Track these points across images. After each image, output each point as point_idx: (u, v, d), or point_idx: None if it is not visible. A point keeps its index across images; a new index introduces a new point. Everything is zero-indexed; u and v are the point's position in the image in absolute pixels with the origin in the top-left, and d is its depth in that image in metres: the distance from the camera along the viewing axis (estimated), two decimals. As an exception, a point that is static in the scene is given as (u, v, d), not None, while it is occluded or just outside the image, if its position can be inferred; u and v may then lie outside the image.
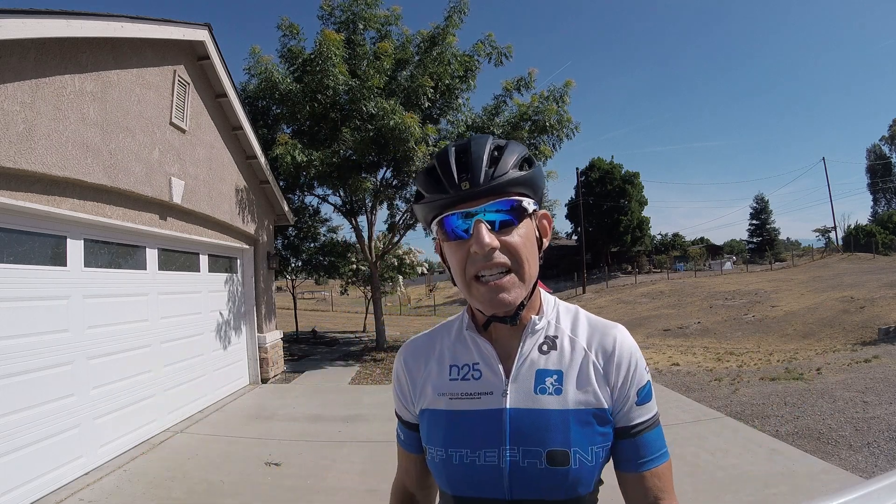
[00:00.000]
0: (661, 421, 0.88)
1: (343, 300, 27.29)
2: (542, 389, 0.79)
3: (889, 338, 9.33)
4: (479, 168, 0.74)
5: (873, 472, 3.64)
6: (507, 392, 0.79)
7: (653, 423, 0.83)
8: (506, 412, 0.78)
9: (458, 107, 9.12)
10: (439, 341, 0.90)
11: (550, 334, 0.84)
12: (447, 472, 0.80)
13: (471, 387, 0.82)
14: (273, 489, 3.61)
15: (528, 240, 0.78)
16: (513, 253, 0.75)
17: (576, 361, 0.81)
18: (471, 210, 0.75)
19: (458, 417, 0.81)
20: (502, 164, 0.75)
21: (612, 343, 0.83)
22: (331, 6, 8.87)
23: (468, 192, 0.74)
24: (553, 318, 0.86)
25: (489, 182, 0.74)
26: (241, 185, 7.05)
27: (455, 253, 0.77)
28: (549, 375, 0.80)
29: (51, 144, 3.50)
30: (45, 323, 3.57)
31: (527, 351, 0.82)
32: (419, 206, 0.81)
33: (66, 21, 3.48)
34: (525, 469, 0.76)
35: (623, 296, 24.48)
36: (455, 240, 0.77)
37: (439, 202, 0.76)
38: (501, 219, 0.75)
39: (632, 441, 0.81)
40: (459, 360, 0.85)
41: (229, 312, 6.73)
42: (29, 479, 3.28)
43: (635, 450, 0.81)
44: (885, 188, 47.89)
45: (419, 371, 0.89)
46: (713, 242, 44.19)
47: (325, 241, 13.44)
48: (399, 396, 0.93)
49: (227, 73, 6.38)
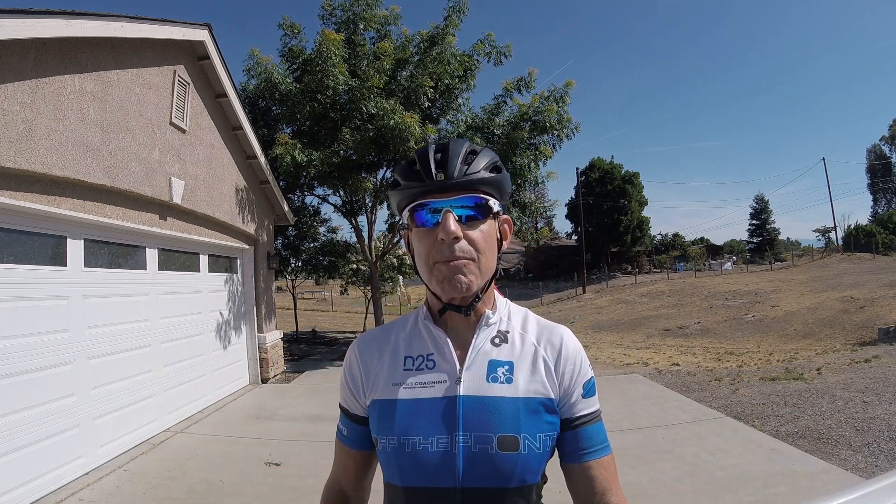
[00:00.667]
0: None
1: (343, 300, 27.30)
2: (494, 378, 0.84)
3: (889, 338, 9.33)
4: (455, 164, 0.81)
5: (873, 472, 3.64)
6: (461, 380, 0.83)
7: (596, 416, 0.88)
8: (459, 399, 0.82)
9: (457, 107, 9.12)
10: (394, 334, 0.93)
11: (502, 329, 0.90)
12: (399, 462, 0.82)
13: (425, 376, 0.86)
14: (273, 489, 3.61)
15: (489, 237, 0.84)
16: (474, 245, 0.81)
17: (526, 354, 0.87)
18: (442, 202, 0.81)
19: (412, 405, 0.84)
20: (475, 164, 0.83)
21: (559, 340, 0.89)
22: (332, 6, 8.87)
23: (441, 183, 0.81)
24: (505, 315, 0.92)
25: (462, 177, 0.81)
26: (241, 185, 7.05)
27: (423, 240, 0.83)
28: (500, 366, 0.85)
29: (51, 144, 3.50)
30: (45, 323, 3.57)
31: (480, 342, 0.87)
32: (395, 192, 0.87)
33: (66, 21, 3.48)
34: (476, 454, 0.79)
35: (623, 296, 24.48)
36: (423, 227, 0.83)
37: (414, 190, 0.83)
38: (468, 213, 0.82)
39: (575, 433, 0.85)
40: (414, 352, 0.89)
41: (229, 312, 6.73)
42: (29, 479, 3.28)
43: (578, 441, 0.85)
44: (885, 188, 47.90)
45: (373, 362, 0.91)
46: (713, 242, 44.15)
47: (324, 241, 13.45)
48: (350, 388, 0.93)
49: (227, 73, 6.38)
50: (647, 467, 3.80)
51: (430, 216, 0.82)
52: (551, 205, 12.86)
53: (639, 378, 7.39)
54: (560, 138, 8.75)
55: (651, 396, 6.11)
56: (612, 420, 5.05)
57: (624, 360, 9.94)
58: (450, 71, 8.40)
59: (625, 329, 16.76)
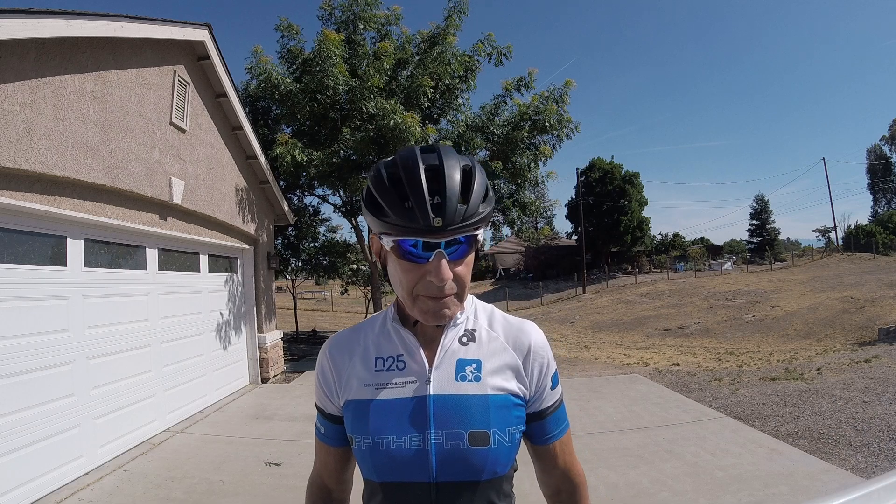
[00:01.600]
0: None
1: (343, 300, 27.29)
2: (463, 377, 0.86)
3: (889, 338, 9.33)
4: (454, 204, 0.74)
5: (873, 472, 3.64)
6: (431, 379, 0.85)
7: (559, 402, 0.95)
8: (429, 399, 0.84)
9: (458, 107, 9.12)
10: (363, 336, 0.94)
11: (469, 328, 0.91)
12: (374, 460, 0.84)
13: (395, 376, 0.87)
14: (273, 489, 3.61)
15: (470, 265, 0.84)
16: (460, 281, 0.81)
17: (493, 352, 0.89)
18: (435, 241, 0.76)
19: (384, 406, 0.85)
20: (474, 200, 0.77)
21: (527, 339, 0.91)
22: (331, 6, 8.87)
23: (440, 227, 0.74)
24: (471, 313, 0.93)
25: (461, 221, 0.75)
26: (241, 185, 7.05)
27: (407, 272, 0.79)
28: (468, 364, 0.87)
29: (51, 144, 3.50)
30: (46, 323, 3.57)
31: (448, 342, 0.88)
32: (378, 222, 0.78)
33: (66, 21, 3.48)
34: (448, 451, 0.81)
35: (623, 296, 24.48)
36: (408, 259, 0.78)
37: (404, 226, 0.75)
38: (460, 251, 0.79)
39: (543, 422, 0.92)
40: (384, 353, 0.90)
41: (229, 312, 6.73)
42: (29, 479, 3.28)
43: (546, 427, 0.93)
44: (885, 188, 47.91)
45: (344, 364, 0.92)
46: (713, 242, 44.10)
47: (324, 241, 13.45)
48: (324, 389, 0.95)
49: (227, 73, 6.38)
50: (647, 467, 3.80)
51: (418, 252, 0.77)
52: (551, 205, 12.87)
53: (639, 378, 7.39)
54: (560, 138, 8.75)
55: (651, 396, 6.10)
56: (612, 420, 5.05)
57: (624, 360, 9.94)
58: (450, 71, 8.40)
59: (625, 329, 16.76)
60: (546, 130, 8.52)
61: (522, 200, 9.21)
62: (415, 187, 0.75)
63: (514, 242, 39.35)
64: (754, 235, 44.81)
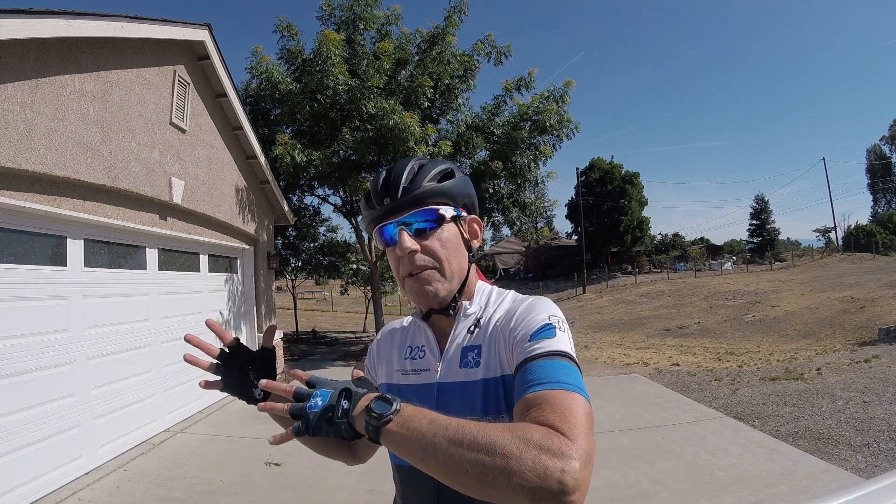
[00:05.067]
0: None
1: (343, 300, 27.29)
2: (466, 363, 0.88)
3: (889, 338, 9.33)
4: (398, 185, 0.88)
5: (873, 472, 3.64)
6: (439, 368, 0.91)
7: (546, 354, 0.74)
8: (435, 386, 0.89)
9: (457, 106, 9.13)
10: (406, 326, 1.05)
11: (479, 317, 0.93)
12: None
13: (416, 365, 0.95)
14: (273, 489, 3.61)
15: (449, 242, 0.89)
16: (432, 254, 0.88)
17: (491, 335, 0.88)
18: (396, 221, 0.88)
19: (404, 391, 0.93)
20: (417, 180, 0.89)
21: (516, 309, 0.86)
22: (331, 6, 8.87)
23: (389, 205, 0.88)
24: (483, 303, 0.95)
25: (407, 195, 0.87)
26: (241, 185, 7.05)
27: (391, 257, 0.92)
28: (470, 351, 0.89)
29: (51, 144, 3.50)
30: (46, 323, 3.56)
31: (458, 333, 0.92)
32: (362, 221, 0.98)
33: (66, 21, 3.48)
34: None
35: (623, 296, 24.47)
36: (389, 246, 0.91)
37: (371, 215, 0.92)
38: (419, 226, 0.88)
39: (521, 371, 0.74)
40: (414, 343, 0.99)
41: (229, 312, 6.73)
42: (29, 479, 3.28)
43: (520, 380, 0.73)
44: (885, 188, 47.89)
45: (386, 349, 1.04)
46: (713, 242, 44.06)
47: (324, 241, 13.45)
48: (368, 366, 1.08)
49: (227, 73, 6.38)
50: (647, 467, 3.80)
51: (390, 235, 0.90)
52: (551, 205, 12.90)
53: (639, 378, 7.39)
54: (560, 138, 8.76)
55: (651, 396, 6.11)
56: (612, 420, 5.05)
57: (624, 360, 9.94)
58: (450, 71, 8.41)
59: (625, 329, 16.76)
60: (546, 130, 8.52)
61: (522, 200, 9.21)
62: (374, 183, 0.93)
63: (514, 242, 39.34)
64: (754, 235, 44.79)
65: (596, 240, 35.91)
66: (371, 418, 0.68)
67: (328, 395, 0.73)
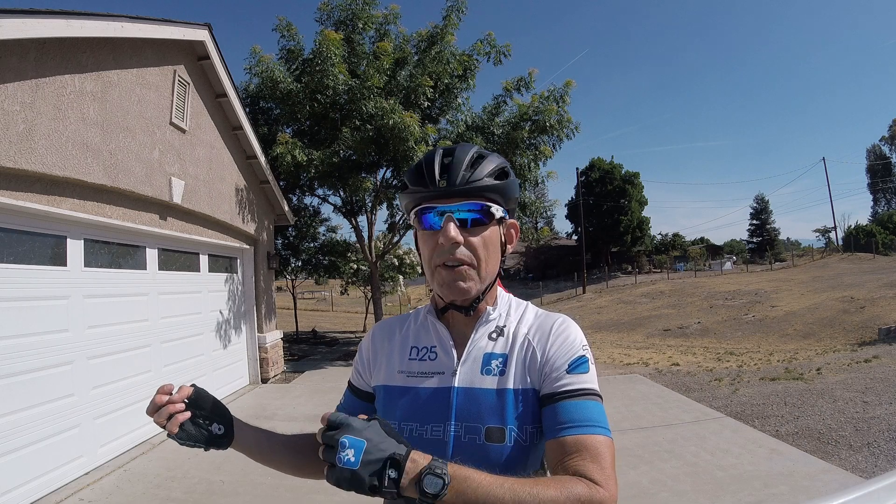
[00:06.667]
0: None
1: (343, 300, 27.28)
2: (488, 371, 0.87)
3: (889, 338, 9.33)
4: (458, 170, 0.84)
5: (873, 472, 3.64)
6: (457, 372, 0.87)
7: (581, 392, 0.81)
8: (453, 390, 0.86)
9: (457, 106, 9.11)
10: (407, 324, 1.00)
11: (500, 324, 0.92)
12: None
13: (426, 367, 0.91)
14: (273, 489, 3.61)
15: (491, 242, 0.87)
16: (474, 251, 0.85)
17: (519, 347, 0.88)
18: (445, 207, 0.84)
19: (412, 393, 0.89)
20: (479, 171, 0.85)
21: (549, 327, 0.89)
22: (329, 6, 8.86)
23: (444, 189, 0.84)
24: (505, 311, 0.94)
25: (465, 184, 0.84)
26: (241, 185, 7.05)
27: (426, 242, 0.87)
28: (494, 359, 0.88)
29: (51, 144, 3.50)
30: (46, 323, 3.56)
31: (478, 337, 0.90)
32: (403, 195, 0.92)
33: (66, 21, 3.48)
34: (465, 444, 0.82)
35: (623, 296, 24.47)
36: (428, 230, 0.86)
37: (420, 195, 0.87)
38: (471, 218, 0.85)
39: (553, 407, 0.81)
40: (420, 343, 0.94)
41: (229, 312, 6.73)
42: (29, 479, 3.28)
43: (556, 415, 0.79)
44: (885, 188, 47.87)
45: (383, 347, 0.98)
46: (713, 242, 44.05)
47: (324, 240, 13.45)
48: (359, 366, 1.01)
49: (228, 72, 6.38)
50: (647, 467, 3.80)
51: (434, 220, 0.85)
52: (551, 205, 12.81)
53: (639, 378, 7.39)
54: (560, 138, 8.75)
55: (651, 396, 6.11)
56: (612, 420, 5.00)
57: (624, 360, 9.94)
58: (449, 70, 8.40)
59: (625, 329, 16.76)
60: (546, 130, 8.52)
61: (522, 200, 9.21)
62: (429, 160, 0.87)
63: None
64: (754, 235, 44.79)
65: (596, 240, 35.92)
66: (425, 498, 0.66)
67: (361, 449, 0.67)
